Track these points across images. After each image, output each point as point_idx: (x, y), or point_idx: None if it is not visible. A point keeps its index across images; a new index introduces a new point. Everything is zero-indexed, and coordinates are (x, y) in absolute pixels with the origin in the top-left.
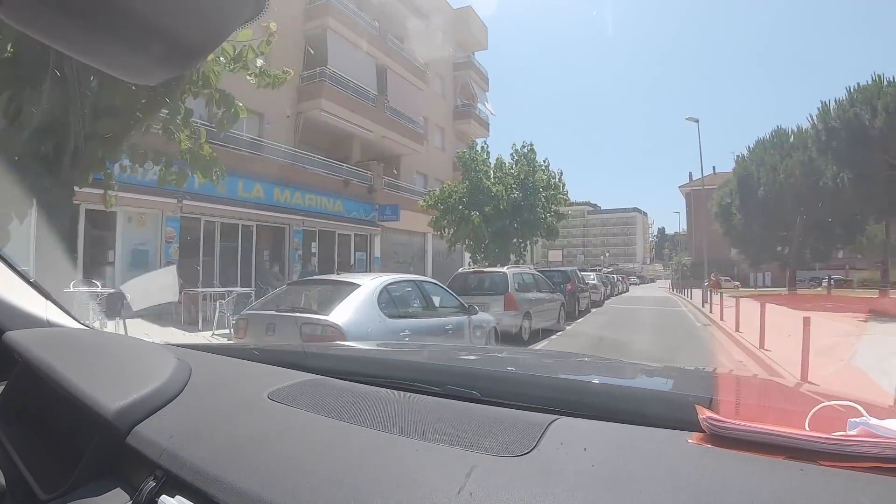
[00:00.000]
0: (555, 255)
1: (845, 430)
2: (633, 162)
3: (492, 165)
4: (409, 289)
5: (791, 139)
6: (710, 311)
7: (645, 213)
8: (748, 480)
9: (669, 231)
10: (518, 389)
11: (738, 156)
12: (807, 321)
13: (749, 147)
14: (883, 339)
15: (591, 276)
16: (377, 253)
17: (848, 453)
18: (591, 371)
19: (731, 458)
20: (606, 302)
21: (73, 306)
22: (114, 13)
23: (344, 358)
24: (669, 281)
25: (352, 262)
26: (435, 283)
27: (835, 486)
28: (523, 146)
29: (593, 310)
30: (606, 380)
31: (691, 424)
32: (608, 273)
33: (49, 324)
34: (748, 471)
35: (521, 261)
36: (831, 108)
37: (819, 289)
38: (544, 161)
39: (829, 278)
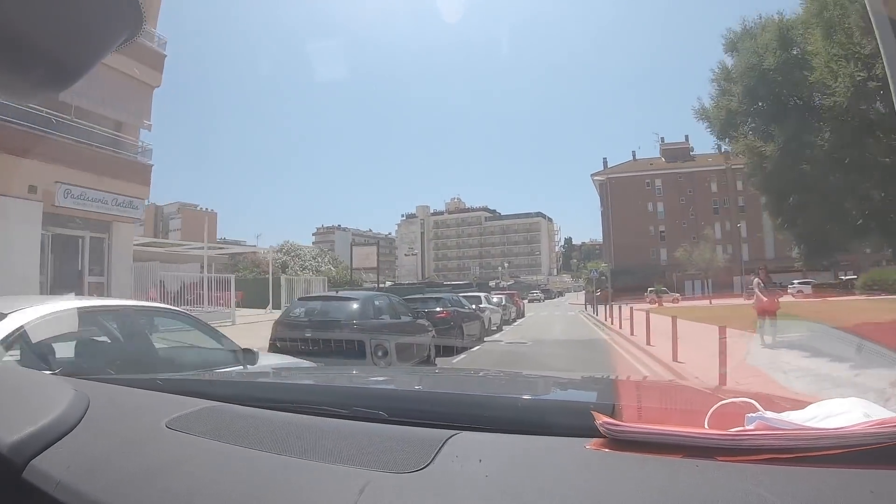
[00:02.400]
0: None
1: (744, 426)
2: (533, 163)
3: None
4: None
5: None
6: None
7: (550, 219)
8: (643, 481)
9: (577, 241)
10: (422, 407)
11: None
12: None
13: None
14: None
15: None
16: None
17: (745, 447)
18: (493, 385)
19: (629, 460)
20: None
21: None
22: None
23: (249, 384)
24: (583, 294)
25: None
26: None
27: (732, 481)
28: None
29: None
30: (506, 393)
31: (591, 431)
32: (488, 294)
33: None
34: (644, 471)
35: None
36: None
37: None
38: None
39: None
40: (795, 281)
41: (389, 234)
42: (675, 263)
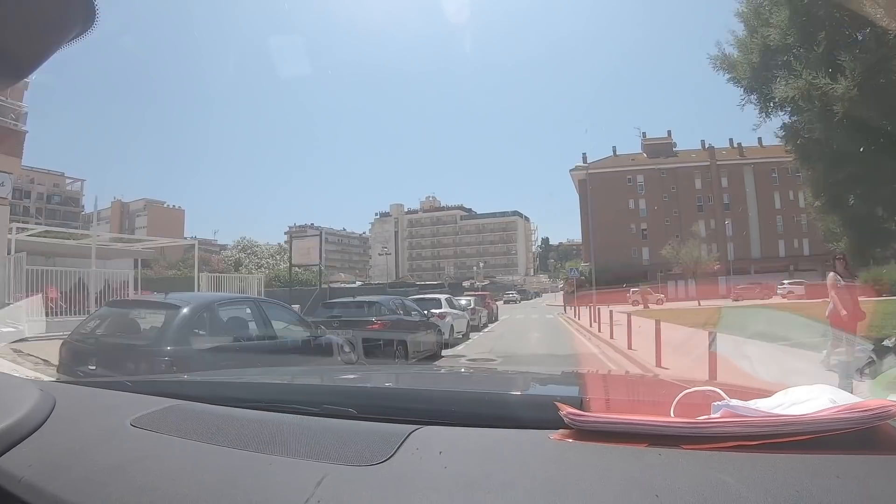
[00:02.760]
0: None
1: (710, 414)
2: (510, 162)
3: None
4: None
5: None
6: None
7: (527, 218)
8: (607, 470)
9: (554, 242)
10: (389, 403)
11: None
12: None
13: None
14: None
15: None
16: None
17: (709, 435)
18: (458, 380)
19: (593, 450)
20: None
21: None
22: None
23: (218, 384)
24: (562, 295)
25: None
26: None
27: (696, 468)
28: None
29: None
30: (470, 387)
31: (556, 423)
32: (452, 296)
33: None
34: (608, 461)
35: None
36: None
37: None
38: None
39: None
40: (785, 281)
41: (364, 233)
42: (658, 262)
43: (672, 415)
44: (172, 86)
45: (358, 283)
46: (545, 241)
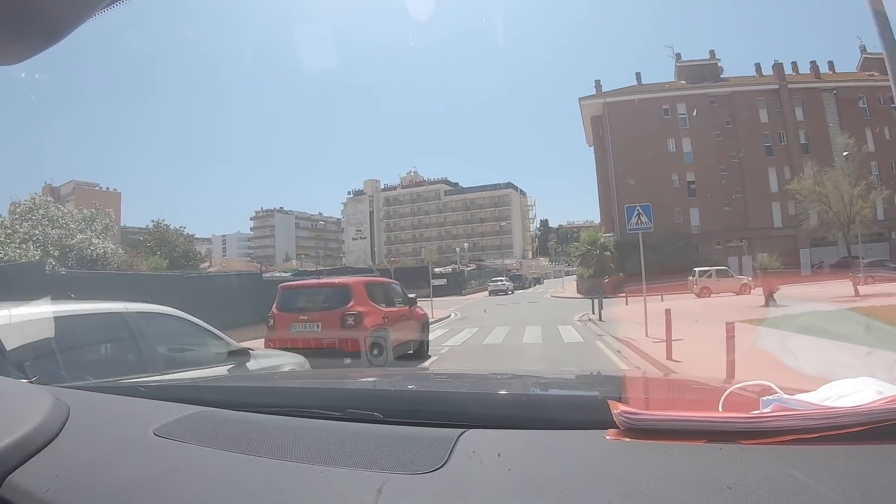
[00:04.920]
0: None
1: (760, 410)
2: (502, 131)
3: None
4: None
5: None
6: None
7: (523, 192)
8: (670, 467)
9: (553, 224)
10: (420, 407)
11: None
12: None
13: None
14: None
15: None
16: None
17: (766, 429)
18: (494, 384)
19: (651, 448)
20: None
21: None
22: None
23: (237, 388)
24: (570, 282)
25: None
26: None
27: (760, 462)
28: None
29: None
30: (512, 390)
31: (606, 423)
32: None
33: None
34: (669, 458)
35: None
36: None
37: None
38: None
39: None
40: None
41: (340, 219)
42: (713, 230)
43: (721, 411)
44: (112, 57)
45: (289, 273)
46: (544, 223)
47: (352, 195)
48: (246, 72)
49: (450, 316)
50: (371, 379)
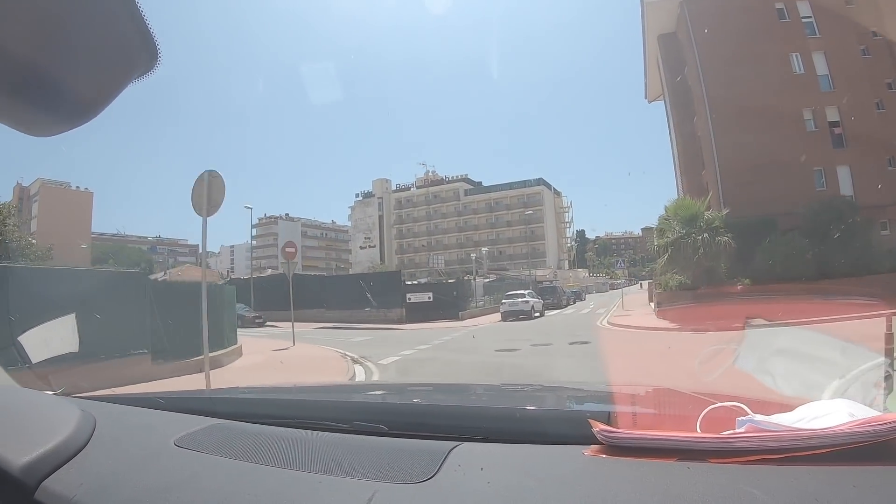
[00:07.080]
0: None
1: (734, 429)
2: (532, 131)
3: None
4: None
5: None
6: None
7: (557, 192)
8: (639, 484)
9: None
10: (422, 420)
11: None
12: None
13: None
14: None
15: None
16: None
17: (735, 449)
18: (491, 397)
19: (625, 465)
20: None
21: None
22: (9, 66)
23: (251, 401)
24: (632, 294)
25: None
26: None
27: (724, 481)
28: None
29: None
30: (504, 404)
31: (588, 438)
32: None
33: None
34: (640, 475)
35: None
36: None
37: None
38: None
39: None
40: None
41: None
42: (871, 203)
43: (698, 429)
44: None
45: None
46: (580, 233)
47: (360, 198)
48: (251, 71)
49: None
50: (378, 392)
